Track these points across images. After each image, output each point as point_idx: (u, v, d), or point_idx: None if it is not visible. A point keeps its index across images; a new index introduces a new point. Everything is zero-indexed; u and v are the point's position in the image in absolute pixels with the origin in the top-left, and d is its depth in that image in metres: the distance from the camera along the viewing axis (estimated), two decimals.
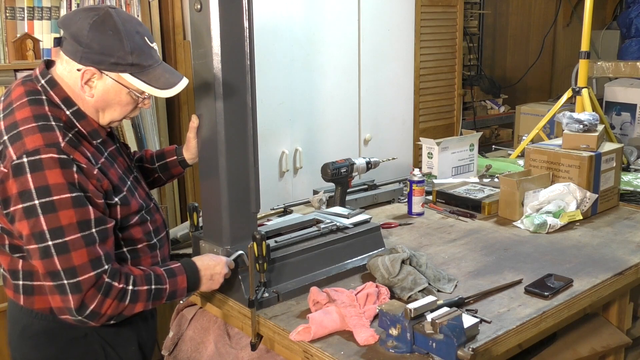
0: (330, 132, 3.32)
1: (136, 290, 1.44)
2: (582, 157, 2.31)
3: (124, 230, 1.54)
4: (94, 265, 1.38)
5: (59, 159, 1.36)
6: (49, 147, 1.36)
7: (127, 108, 1.52)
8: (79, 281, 1.37)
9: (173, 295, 1.53)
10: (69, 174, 1.36)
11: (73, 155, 1.39)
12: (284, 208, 2.41)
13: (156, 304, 1.51)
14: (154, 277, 1.49)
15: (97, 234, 1.40)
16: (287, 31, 3.05)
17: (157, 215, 1.66)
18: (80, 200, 1.38)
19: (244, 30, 1.62)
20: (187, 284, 1.54)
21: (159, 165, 1.85)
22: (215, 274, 1.61)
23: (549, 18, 5.19)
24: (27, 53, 2.48)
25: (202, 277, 1.58)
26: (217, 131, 1.64)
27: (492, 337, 1.45)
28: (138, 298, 1.45)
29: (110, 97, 1.47)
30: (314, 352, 1.43)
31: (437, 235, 2.17)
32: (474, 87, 4.60)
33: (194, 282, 1.57)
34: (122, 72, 1.44)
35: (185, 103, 2.94)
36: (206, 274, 1.59)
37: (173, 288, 1.52)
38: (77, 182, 1.37)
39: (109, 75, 1.44)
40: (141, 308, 1.47)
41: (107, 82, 1.45)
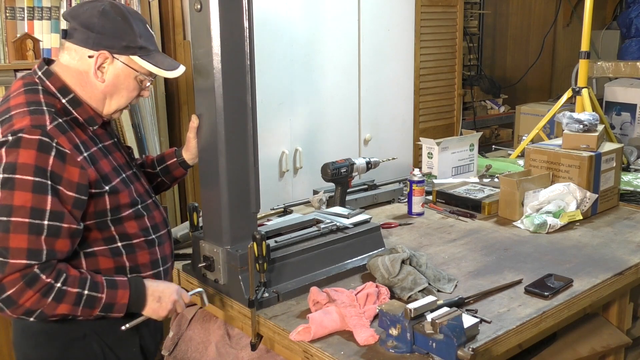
0: (330, 132, 3.32)
1: (64, 289, 1.38)
2: (582, 157, 2.31)
3: (117, 224, 1.53)
4: (30, 254, 1.34)
5: (40, 140, 1.36)
6: (34, 127, 1.37)
7: (132, 94, 1.56)
8: (6, 262, 1.32)
9: (109, 308, 1.46)
10: (43, 158, 1.36)
11: (58, 139, 1.39)
12: (284, 208, 2.41)
13: (87, 312, 1.43)
14: (89, 283, 1.43)
15: (47, 227, 1.36)
16: (287, 31, 3.05)
17: (157, 212, 1.65)
18: (42, 187, 1.36)
19: (244, 30, 1.62)
20: (128, 300, 1.48)
21: (161, 169, 1.85)
22: (163, 297, 1.54)
23: (549, 18, 5.19)
24: (27, 53, 2.48)
25: (147, 297, 1.52)
26: (217, 131, 1.64)
27: (492, 337, 1.45)
28: (64, 298, 1.38)
29: (120, 81, 1.52)
30: (314, 352, 1.43)
31: (437, 235, 2.17)
32: (474, 87, 4.60)
33: (138, 300, 1.50)
34: (133, 54, 1.50)
35: (185, 103, 2.94)
36: (154, 294, 1.53)
37: (110, 300, 1.46)
38: (49, 169, 1.37)
39: (120, 59, 1.50)
40: (66, 310, 1.40)
41: (117, 66, 1.51)
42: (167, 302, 1.55)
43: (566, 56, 5.28)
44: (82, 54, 1.49)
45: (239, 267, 1.65)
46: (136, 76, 1.53)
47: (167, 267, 1.66)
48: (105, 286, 1.45)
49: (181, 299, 1.59)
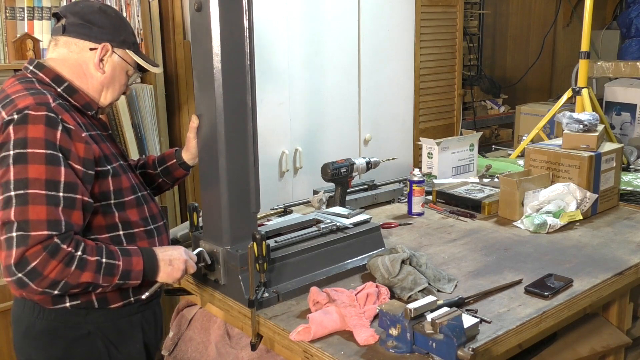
0: (330, 132, 3.32)
1: (84, 257, 1.39)
2: (582, 157, 2.31)
3: (120, 209, 1.55)
4: (50, 225, 1.35)
5: (46, 116, 1.40)
6: (39, 105, 1.41)
7: (123, 88, 1.65)
8: (28, 235, 1.33)
9: (127, 276, 1.48)
10: (52, 132, 1.39)
11: (62, 115, 1.43)
12: (284, 208, 2.41)
13: (108, 280, 1.44)
14: (105, 251, 1.45)
15: (63, 198, 1.38)
16: (287, 31, 3.05)
17: (152, 204, 1.69)
18: (54, 159, 1.38)
19: (244, 30, 1.62)
20: (143, 267, 1.50)
21: (161, 170, 1.87)
22: (174, 260, 1.56)
23: (549, 18, 5.20)
24: (27, 53, 2.48)
25: (159, 262, 1.54)
26: (217, 131, 1.64)
27: (492, 337, 1.45)
28: (86, 266, 1.39)
29: (116, 73, 1.60)
30: (314, 352, 1.43)
31: (437, 235, 2.17)
32: (474, 87, 4.60)
33: (151, 266, 1.53)
34: (128, 49, 1.61)
35: (185, 103, 2.94)
36: (164, 259, 1.55)
37: (127, 267, 1.47)
38: (58, 142, 1.40)
39: (117, 52, 1.59)
40: (89, 279, 1.41)
41: (115, 59, 1.59)
42: (179, 264, 1.57)
43: (566, 56, 5.28)
44: (83, 47, 1.56)
45: (239, 267, 1.65)
46: (127, 70, 1.62)
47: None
48: (120, 254, 1.48)
49: (190, 259, 1.62)
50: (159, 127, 2.83)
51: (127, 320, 1.61)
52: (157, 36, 2.82)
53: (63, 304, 1.52)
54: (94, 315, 1.55)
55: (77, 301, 1.53)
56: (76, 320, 1.53)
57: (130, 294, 1.60)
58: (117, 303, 1.58)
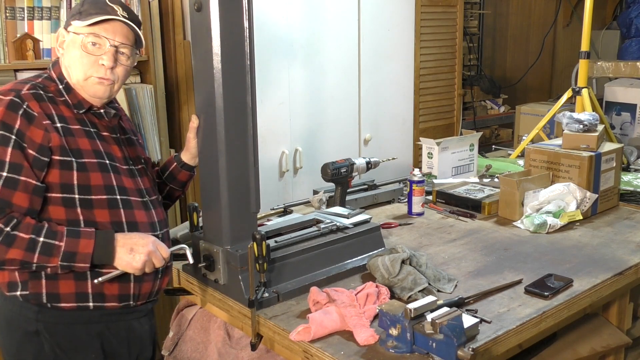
0: (330, 132, 3.32)
1: (14, 234, 1.40)
2: (582, 157, 2.31)
3: (86, 207, 1.51)
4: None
5: (11, 100, 1.47)
6: (11, 91, 1.50)
7: (83, 61, 1.56)
8: None
9: (71, 258, 1.44)
10: (10, 115, 1.45)
11: (29, 102, 1.48)
12: (284, 208, 2.41)
13: (45, 260, 1.42)
14: (46, 231, 1.43)
15: (5, 178, 1.42)
16: (287, 31, 3.05)
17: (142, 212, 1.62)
18: (5, 140, 1.44)
19: (244, 30, 1.62)
20: (92, 250, 1.45)
21: (165, 177, 1.87)
22: (136, 246, 1.50)
23: (549, 18, 5.19)
24: (27, 53, 2.48)
25: (116, 248, 1.48)
26: (217, 131, 1.64)
27: (492, 337, 1.45)
28: (14, 243, 1.39)
29: (70, 49, 1.58)
30: (314, 352, 1.43)
31: (437, 235, 2.17)
32: (474, 87, 4.60)
33: (105, 250, 1.47)
34: (73, 20, 1.57)
35: (185, 103, 2.94)
36: (125, 245, 1.49)
37: (71, 249, 1.44)
38: (16, 126, 1.45)
39: (69, 30, 1.58)
40: (18, 256, 1.40)
41: (68, 38, 1.59)
42: (140, 253, 1.50)
43: (566, 56, 5.27)
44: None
45: (239, 267, 1.65)
46: (81, 40, 1.55)
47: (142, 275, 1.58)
48: (65, 235, 1.45)
49: (158, 251, 1.54)
50: (159, 127, 2.83)
51: (84, 328, 1.55)
52: (157, 36, 2.82)
53: (14, 292, 1.52)
54: (44, 314, 1.52)
55: (26, 292, 1.51)
56: (28, 314, 1.52)
57: (90, 298, 1.53)
58: (69, 303, 1.52)
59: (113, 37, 1.55)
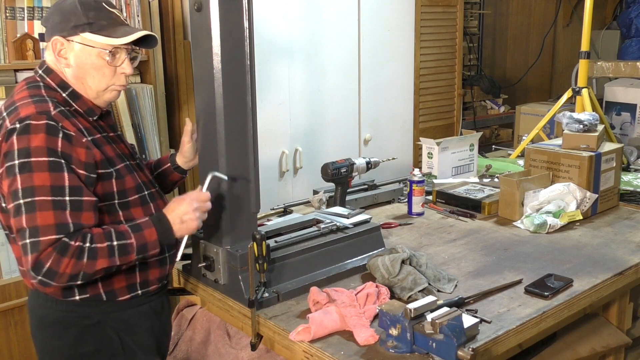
0: (330, 132, 3.32)
1: (94, 247, 1.43)
2: (582, 157, 2.31)
3: (124, 208, 1.58)
4: (58, 229, 1.40)
5: (47, 124, 1.44)
6: (40, 114, 1.45)
7: (104, 72, 1.56)
8: (39, 241, 1.39)
9: (144, 249, 1.51)
10: (53, 140, 1.43)
11: (62, 123, 1.47)
12: (284, 208, 2.41)
13: (125, 259, 1.48)
14: (114, 234, 1.47)
15: (69, 202, 1.43)
16: (287, 31, 3.05)
17: (160, 201, 1.70)
18: (57, 165, 1.43)
19: (244, 30, 1.62)
20: (157, 236, 1.53)
21: (157, 174, 1.89)
22: (184, 215, 1.56)
23: (549, 18, 5.19)
24: (27, 53, 2.48)
25: (172, 224, 1.56)
26: (217, 131, 1.64)
27: (492, 337, 1.45)
28: (97, 254, 1.44)
29: (82, 61, 1.55)
30: (314, 352, 1.43)
31: (437, 235, 2.17)
32: (474, 87, 4.60)
33: (165, 232, 1.55)
34: (82, 32, 1.53)
35: (185, 103, 2.94)
36: (174, 219, 1.56)
37: (141, 241, 1.50)
38: (59, 149, 1.44)
39: (74, 40, 1.54)
40: (105, 264, 1.45)
41: (75, 48, 1.54)
42: (190, 217, 1.57)
43: (566, 56, 5.28)
44: (49, 49, 1.57)
45: (239, 267, 1.65)
46: (98, 53, 1.54)
47: (173, 253, 1.70)
48: (131, 231, 1.51)
49: (200, 203, 1.60)
50: (159, 127, 2.83)
51: (135, 310, 1.64)
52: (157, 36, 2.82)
53: (73, 297, 1.56)
54: (102, 307, 1.59)
55: (86, 295, 1.57)
56: (86, 310, 1.58)
57: (138, 287, 1.63)
58: (124, 296, 1.61)
59: (129, 46, 1.59)
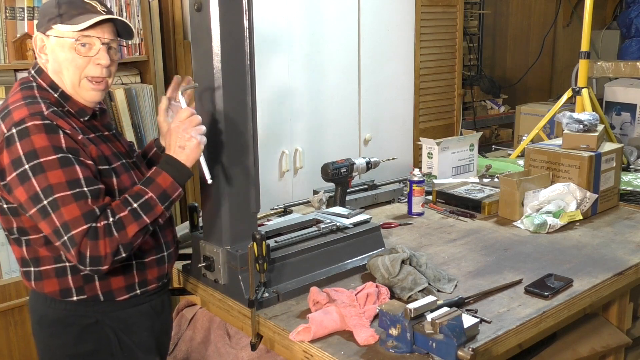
0: (330, 132, 3.32)
1: (118, 218, 1.45)
2: (582, 157, 2.31)
3: None
4: (87, 218, 1.42)
5: (43, 124, 1.44)
6: (33, 115, 1.45)
7: (76, 63, 1.54)
8: (73, 235, 1.41)
9: (166, 196, 1.52)
10: (55, 137, 1.44)
11: (57, 122, 1.47)
12: (284, 208, 2.41)
13: (154, 215, 1.49)
14: (131, 198, 1.49)
15: (89, 191, 1.44)
16: (287, 31, 3.05)
17: None
18: (67, 160, 1.43)
19: (244, 30, 1.62)
20: (171, 177, 1.53)
21: (147, 162, 1.86)
22: (181, 142, 1.54)
23: (549, 18, 5.19)
24: (27, 53, 2.48)
25: (177, 157, 1.54)
26: (217, 131, 1.64)
27: (492, 337, 1.45)
28: (124, 224, 1.45)
29: (57, 54, 1.54)
30: (314, 352, 1.43)
31: (437, 235, 2.17)
32: (474, 87, 4.60)
33: (176, 169, 1.54)
34: (54, 24, 1.52)
35: None
36: (176, 151, 1.55)
37: (159, 190, 1.51)
38: (64, 145, 1.44)
39: (50, 34, 1.53)
40: (136, 228, 1.46)
41: (52, 42, 1.54)
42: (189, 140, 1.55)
43: (566, 56, 5.27)
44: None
45: (239, 267, 1.65)
46: (70, 44, 1.52)
47: (171, 252, 1.69)
48: (145, 187, 1.52)
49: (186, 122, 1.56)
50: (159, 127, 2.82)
51: (135, 310, 1.64)
52: (157, 36, 2.82)
53: (70, 297, 1.57)
54: (100, 306, 1.59)
55: (84, 296, 1.57)
56: (84, 310, 1.58)
57: (137, 286, 1.62)
58: (122, 296, 1.61)
59: (102, 35, 1.54)
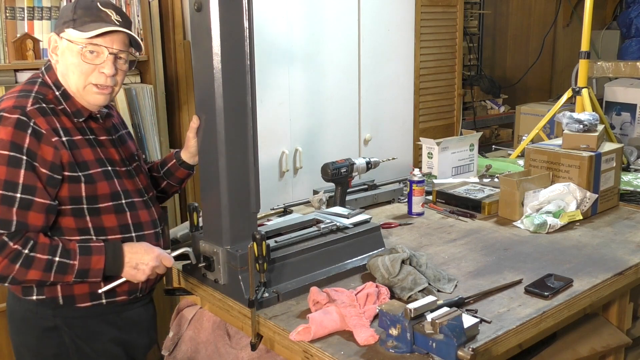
0: (330, 132, 3.32)
1: (32, 256, 1.42)
2: (582, 157, 2.31)
3: (94, 214, 1.56)
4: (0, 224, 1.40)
5: (18, 119, 1.44)
6: (15, 108, 1.46)
7: (82, 69, 1.55)
8: None
9: (84, 274, 1.50)
10: (20, 135, 1.43)
11: (36, 119, 1.46)
12: (284, 208, 2.41)
13: (60, 278, 1.48)
14: (60, 250, 1.47)
15: (19, 199, 1.42)
16: (287, 31, 3.05)
17: (145, 211, 1.68)
18: (17, 161, 1.43)
19: (244, 30, 1.62)
20: (104, 266, 1.52)
21: (164, 172, 1.89)
22: (141, 264, 1.57)
23: (549, 18, 5.19)
24: (27, 53, 2.48)
25: (125, 264, 1.55)
26: (217, 131, 1.64)
27: (492, 337, 1.45)
28: (32, 264, 1.43)
29: (66, 57, 1.56)
30: (314, 352, 1.43)
31: (437, 235, 2.17)
32: (474, 87, 4.60)
33: (114, 265, 1.54)
34: (67, 28, 1.54)
35: (185, 103, 2.94)
36: (131, 261, 1.56)
37: (84, 267, 1.49)
38: (25, 145, 1.44)
39: (63, 36, 1.56)
40: (36, 277, 1.44)
41: (63, 45, 1.56)
42: (145, 268, 1.57)
43: (566, 56, 5.27)
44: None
45: (239, 267, 1.65)
46: (79, 50, 1.53)
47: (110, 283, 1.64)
48: (78, 253, 1.49)
49: (161, 264, 1.60)
50: (159, 127, 2.83)
51: (99, 319, 1.62)
52: (157, 36, 2.82)
53: (30, 296, 1.56)
54: (60, 311, 1.57)
55: (43, 296, 1.56)
56: (45, 312, 1.57)
57: (103, 296, 1.60)
58: (85, 303, 1.59)
59: (111, 44, 1.55)
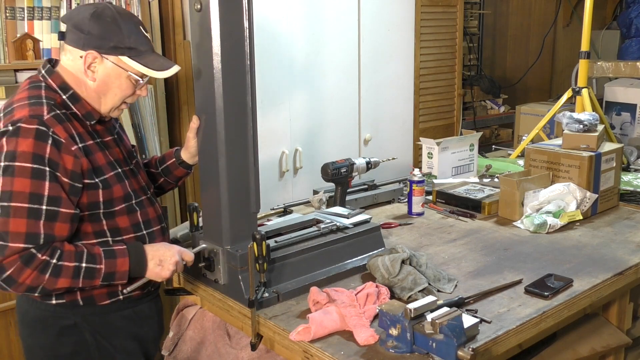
0: (330, 132, 3.32)
1: (60, 264, 1.44)
2: (582, 157, 2.31)
3: (109, 218, 1.58)
4: (27, 239, 1.41)
5: (37, 129, 1.44)
6: (32, 117, 1.45)
7: (126, 92, 1.60)
8: (6, 245, 1.39)
9: (111, 277, 1.52)
10: (41, 146, 1.43)
11: (54, 128, 1.46)
12: (284, 208, 2.41)
13: (89, 283, 1.49)
14: (86, 256, 1.48)
15: (45, 211, 1.43)
16: (287, 31, 3.05)
17: (151, 209, 1.70)
18: (40, 173, 1.43)
19: (244, 30, 1.62)
20: (129, 267, 1.54)
21: (162, 170, 1.90)
22: (164, 260, 1.59)
23: (549, 18, 5.19)
24: (27, 53, 2.48)
25: (148, 262, 1.57)
26: (217, 131, 1.64)
27: (492, 337, 1.45)
28: (61, 273, 1.44)
29: (111, 80, 1.56)
30: (314, 352, 1.43)
31: (437, 235, 2.17)
32: (474, 87, 4.60)
33: (138, 265, 1.56)
34: (121, 55, 1.55)
35: (185, 103, 2.94)
36: (154, 258, 1.58)
37: (110, 270, 1.51)
38: (47, 156, 1.44)
39: (109, 58, 1.55)
40: (66, 284, 1.46)
41: (107, 66, 1.55)
42: (168, 264, 1.60)
43: (566, 56, 5.27)
44: (75, 55, 1.56)
45: (239, 267, 1.65)
46: (128, 76, 1.57)
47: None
48: (103, 257, 1.51)
49: (182, 260, 1.64)
50: (159, 127, 2.83)
51: (117, 315, 1.64)
52: (157, 36, 2.82)
53: (49, 300, 1.57)
54: (80, 309, 1.59)
55: (62, 300, 1.57)
56: (63, 312, 1.58)
57: (120, 293, 1.62)
58: (104, 301, 1.61)
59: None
